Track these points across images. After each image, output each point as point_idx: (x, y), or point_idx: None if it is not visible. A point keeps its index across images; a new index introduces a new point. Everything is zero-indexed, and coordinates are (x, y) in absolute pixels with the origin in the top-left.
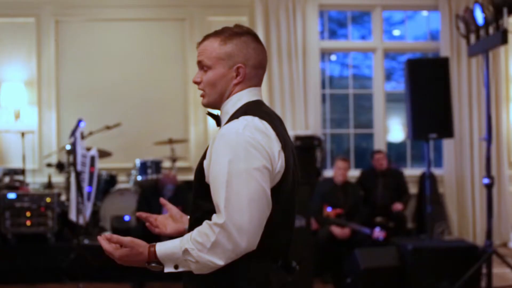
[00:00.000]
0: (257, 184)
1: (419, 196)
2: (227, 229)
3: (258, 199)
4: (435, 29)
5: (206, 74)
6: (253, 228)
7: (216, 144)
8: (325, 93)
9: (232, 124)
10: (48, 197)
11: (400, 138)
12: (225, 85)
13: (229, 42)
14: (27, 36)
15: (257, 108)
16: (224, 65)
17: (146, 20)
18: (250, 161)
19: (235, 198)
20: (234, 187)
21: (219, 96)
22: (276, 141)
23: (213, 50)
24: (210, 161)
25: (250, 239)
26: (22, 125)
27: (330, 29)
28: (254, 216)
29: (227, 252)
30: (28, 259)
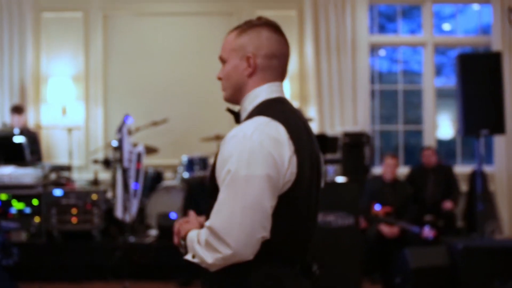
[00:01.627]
0: (254, 193)
1: (469, 194)
2: (213, 233)
3: (253, 208)
4: (486, 23)
5: (223, 68)
6: (242, 236)
7: (225, 148)
8: (374, 89)
9: (243, 126)
10: (94, 194)
11: (450, 135)
12: (239, 77)
13: (244, 34)
14: (74, 31)
15: (274, 107)
16: (236, 57)
17: (193, 15)
18: (253, 168)
19: (229, 205)
20: (231, 193)
21: (235, 90)
22: (287, 146)
23: (229, 43)
24: (219, 163)
25: (237, 246)
26: (69, 121)
27: (379, 24)
28: (246, 224)
29: (215, 254)
30: (73, 256)
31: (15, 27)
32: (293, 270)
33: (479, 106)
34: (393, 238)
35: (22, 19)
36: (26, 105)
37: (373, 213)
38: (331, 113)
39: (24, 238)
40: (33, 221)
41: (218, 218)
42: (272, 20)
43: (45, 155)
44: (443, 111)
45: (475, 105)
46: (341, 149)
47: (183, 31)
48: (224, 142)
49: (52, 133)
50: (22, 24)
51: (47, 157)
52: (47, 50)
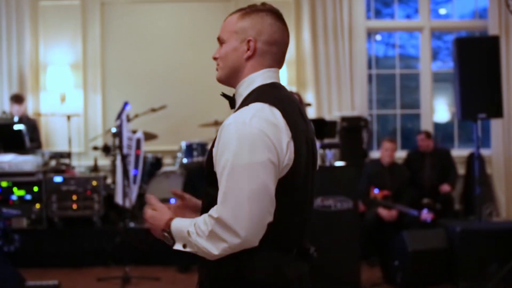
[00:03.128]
0: (259, 180)
1: (467, 177)
2: (221, 223)
3: (259, 195)
4: (481, 8)
5: (221, 48)
6: (251, 224)
7: (223, 135)
8: (371, 74)
9: (240, 112)
10: (94, 180)
11: (446, 118)
12: (237, 59)
13: (247, 17)
14: (72, 19)
15: (270, 93)
16: (236, 39)
17: (191, 2)
18: (255, 154)
19: (235, 193)
20: (235, 181)
21: (231, 71)
22: (285, 131)
23: (230, 25)
24: (217, 150)
25: (247, 235)
26: (68, 108)
27: (374, 9)
28: (254, 212)
29: (222, 244)
30: (74, 242)
31: (13, 15)
32: (291, 254)
33: (477, 90)
34: (391, 222)
35: (20, 8)
36: (25, 93)
37: (371, 196)
38: (328, 98)
39: (25, 224)
40: (34, 207)
41: (225, 208)
42: (275, 7)
43: (45, 143)
44: (439, 95)
45: (473, 89)
46: (339, 133)
47: (180, 18)
48: (222, 129)
49: (51, 120)
50: (20, 12)
51: (47, 145)
52: (45, 38)
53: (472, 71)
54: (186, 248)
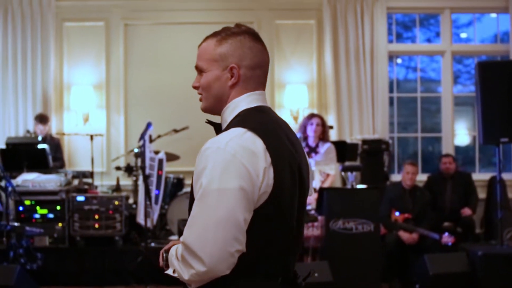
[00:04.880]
0: (228, 207)
1: (487, 201)
2: (187, 248)
3: (226, 222)
4: (503, 32)
5: (202, 78)
6: (216, 251)
7: (199, 160)
8: (392, 97)
9: (218, 137)
10: (116, 200)
11: (466, 142)
12: (221, 88)
13: (225, 42)
14: (96, 40)
15: (253, 117)
16: (218, 67)
17: (213, 24)
18: (226, 181)
19: (202, 219)
20: (203, 207)
21: (215, 100)
22: (262, 158)
23: (208, 52)
24: (194, 175)
25: (211, 262)
26: (90, 128)
27: (395, 32)
28: (219, 239)
29: (190, 270)
30: (96, 261)
31: (38, 36)
32: (275, 283)
33: (499, 114)
34: (412, 245)
35: (44, 28)
36: (48, 113)
37: (392, 219)
38: (350, 121)
39: (47, 243)
40: (56, 226)
41: (191, 233)
42: (250, 27)
43: (68, 162)
44: (459, 119)
45: (495, 113)
46: (360, 156)
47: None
48: (199, 154)
49: (74, 140)
50: (45, 33)
51: (70, 164)
52: (69, 58)
53: (494, 95)
54: (175, 274)
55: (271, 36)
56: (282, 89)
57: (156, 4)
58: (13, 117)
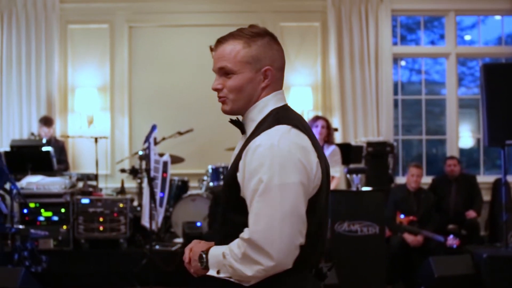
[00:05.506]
0: (291, 201)
1: (492, 203)
2: (253, 245)
3: (291, 216)
4: (506, 33)
5: (231, 80)
6: (284, 245)
7: (251, 158)
8: (397, 99)
9: (266, 135)
10: (121, 202)
11: (470, 144)
12: (253, 89)
13: (253, 44)
14: (100, 42)
15: (287, 115)
16: (250, 69)
17: (218, 26)
18: (286, 176)
19: (267, 215)
20: (267, 203)
21: (247, 102)
22: (313, 152)
23: (237, 54)
24: (245, 174)
25: (280, 256)
26: (95, 131)
27: (400, 35)
28: (285, 232)
29: (256, 266)
30: (100, 264)
31: (42, 38)
32: (309, 275)
33: (504, 116)
34: (417, 247)
35: (49, 31)
36: (53, 115)
37: (397, 222)
38: (354, 123)
39: (52, 245)
40: (61, 229)
41: (256, 229)
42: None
43: (72, 165)
44: (463, 121)
45: (500, 115)
46: (365, 158)
47: (207, 43)
48: (249, 152)
49: (79, 142)
50: (49, 35)
51: (74, 167)
52: (74, 61)
53: (499, 97)
54: (219, 274)
55: None
56: (287, 91)
57: (160, 7)
58: (17, 119)
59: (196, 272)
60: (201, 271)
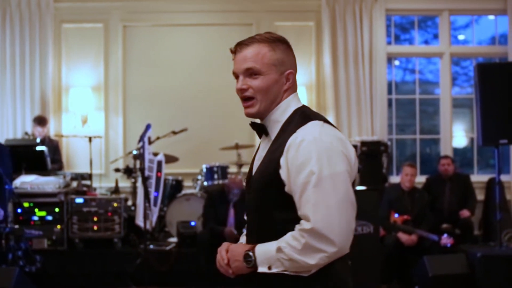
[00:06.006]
0: (343, 188)
1: (486, 202)
2: (316, 234)
3: (345, 203)
4: (501, 33)
5: (258, 80)
6: (343, 230)
7: (296, 153)
8: (391, 99)
9: (304, 130)
10: (115, 202)
11: (464, 144)
12: (277, 91)
13: (277, 49)
14: (94, 42)
15: (313, 113)
16: (276, 71)
17: (212, 25)
18: (334, 166)
19: (324, 204)
20: (322, 193)
21: (271, 103)
22: (348, 143)
23: (264, 56)
24: (290, 169)
25: (341, 242)
26: (89, 130)
27: (393, 34)
28: (343, 219)
29: (318, 254)
30: (94, 263)
31: (36, 38)
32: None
33: (498, 116)
34: (411, 246)
35: (43, 30)
36: (47, 115)
37: (391, 221)
38: (348, 122)
39: (46, 245)
40: (55, 228)
41: (317, 219)
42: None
43: (66, 164)
44: (457, 121)
45: (494, 114)
46: (359, 158)
47: (201, 42)
48: (291, 148)
49: (73, 142)
50: (43, 35)
51: (68, 166)
52: (68, 60)
53: (493, 96)
54: (271, 270)
55: None
56: None
57: (154, 6)
58: (11, 119)
59: (237, 272)
60: (244, 270)
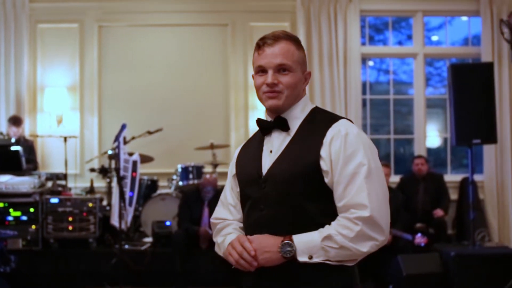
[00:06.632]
0: (384, 181)
1: (459, 202)
2: (372, 222)
3: (387, 194)
4: (474, 35)
5: (287, 77)
6: (388, 221)
7: (343, 145)
8: (365, 99)
9: (343, 125)
10: (90, 202)
11: (437, 144)
12: (300, 88)
13: (300, 48)
14: (70, 42)
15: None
16: (300, 70)
17: (188, 26)
18: (377, 160)
19: (376, 194)
20: (373, 183)
21: (293, 99)
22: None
23: (294, 54)
24: (334, 160)
25: (387, 231)
26: (64, 130)
27: (368, 35)
28: (387, 209)
29: (370, 242)
30: (70, 264)
31: (12, 37)
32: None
33: (471, 116)
34: (386, 246)
35: (18, 30)
36: (22, 115)
37: None
38: None
39: (21, 245)
40: (30, 228)
41: (373, 208)
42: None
43: (41, 164)
44: (430, 121)
45: (467, 115)
46: None
47: (177, 42)
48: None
49: (48, 142)
50: (18, 35)
51: (43, 166)
52: (43, 60)
53: (466, 96)
54: (312, 259)
55: (245, 38)
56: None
57: (130, 6)
58: None
59: (265, 263)
60: (275, 261)
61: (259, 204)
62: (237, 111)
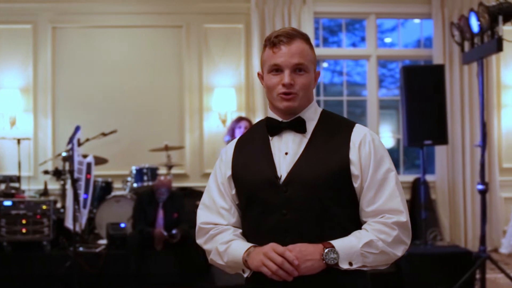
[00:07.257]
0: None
1: (411, 202)
2: (405, 227)
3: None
4: (425, 37)
5: (303, 77)
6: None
7: (373, 150)
8: (319, 100)
9: (365, 130)
10: (44, 204)
11: (390, 144)
12: (311, 89)
13: (312, 47)
14: (23, 43)
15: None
16: (312, 70)
17: (142, 27)
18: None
19: (401, 199)
20: (400, 190)
21: (307, 100)
22: None
23: (308, 54)
24: (364, 165)
25: (411, 234)
26: (18, 132)
27: (322, 37)
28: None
29: (402, 246)
30: (23, 266)
31: None
32: None
33: (422, 117)
34: None
35: None
36: None
37: None
38: None
39: None
40: None
41: (406, 213)
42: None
43: None
44: (384, 122)
45: (419, 116)
46: None
47: (132, 44)
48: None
49: (1, 144)
50: None
51: None
52: None
53: (418, 98)
54: (352, 266)
55: (199, 40)
56: (210, 92)
57: (84, 8)
58: None
59: (307, 272)
60: (316, 269)
61: (280, 209)
62: (191, 113)
